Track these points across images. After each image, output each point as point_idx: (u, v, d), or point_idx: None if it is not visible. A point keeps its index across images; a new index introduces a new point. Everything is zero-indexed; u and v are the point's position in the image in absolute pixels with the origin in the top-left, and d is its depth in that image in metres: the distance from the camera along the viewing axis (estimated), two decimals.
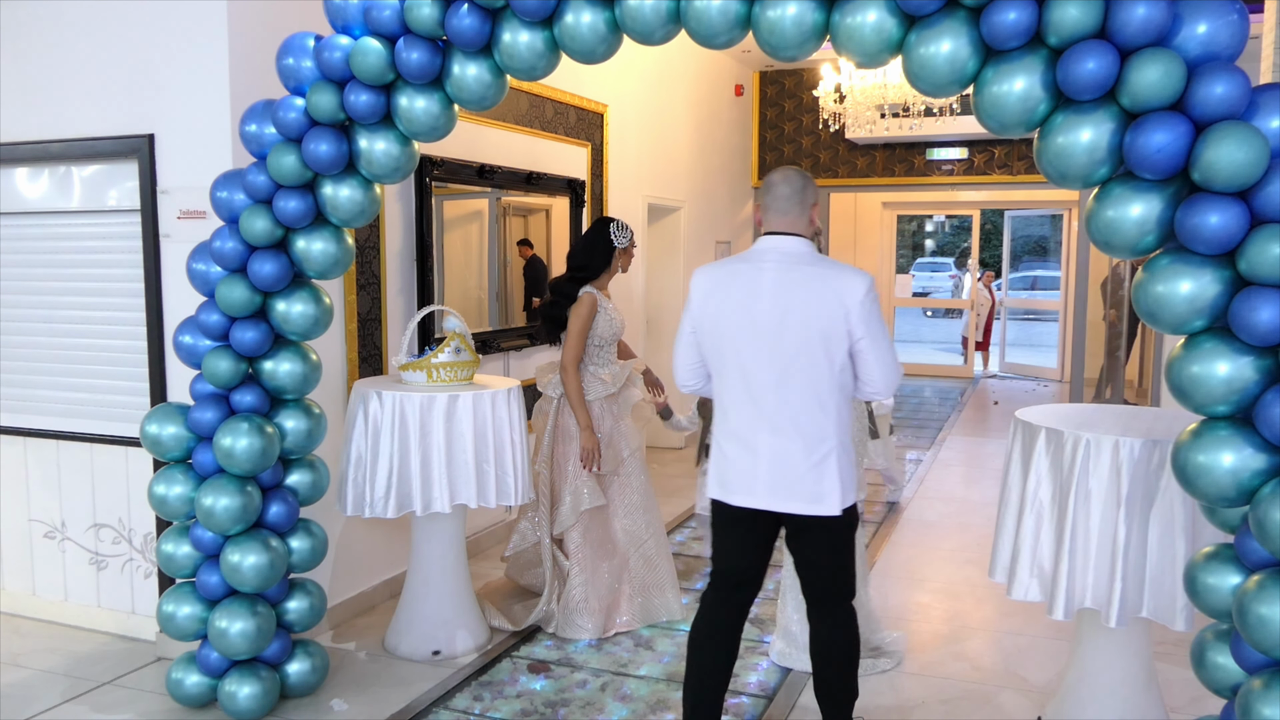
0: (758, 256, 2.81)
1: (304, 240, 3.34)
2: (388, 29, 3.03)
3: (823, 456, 2.74)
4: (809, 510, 2.77)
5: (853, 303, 2.68)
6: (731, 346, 2.80)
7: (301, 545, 3.53)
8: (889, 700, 3.61)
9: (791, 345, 2.71)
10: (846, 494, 2.79)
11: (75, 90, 3.99)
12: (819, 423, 2.74)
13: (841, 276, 2.73)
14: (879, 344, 2.73)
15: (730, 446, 2.85)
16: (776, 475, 2.77)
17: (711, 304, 2.83)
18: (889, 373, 2.78)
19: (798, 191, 2.83)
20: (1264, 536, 2.24)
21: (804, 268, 2.75)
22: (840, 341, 2.70)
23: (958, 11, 2.51)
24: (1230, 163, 2.22)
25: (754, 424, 2.78)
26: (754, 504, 2.81)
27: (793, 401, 2.73)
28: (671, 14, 2.79)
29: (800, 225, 2.84)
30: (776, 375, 2.73)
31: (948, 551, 5.38)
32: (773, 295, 2.73)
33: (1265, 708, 2.21)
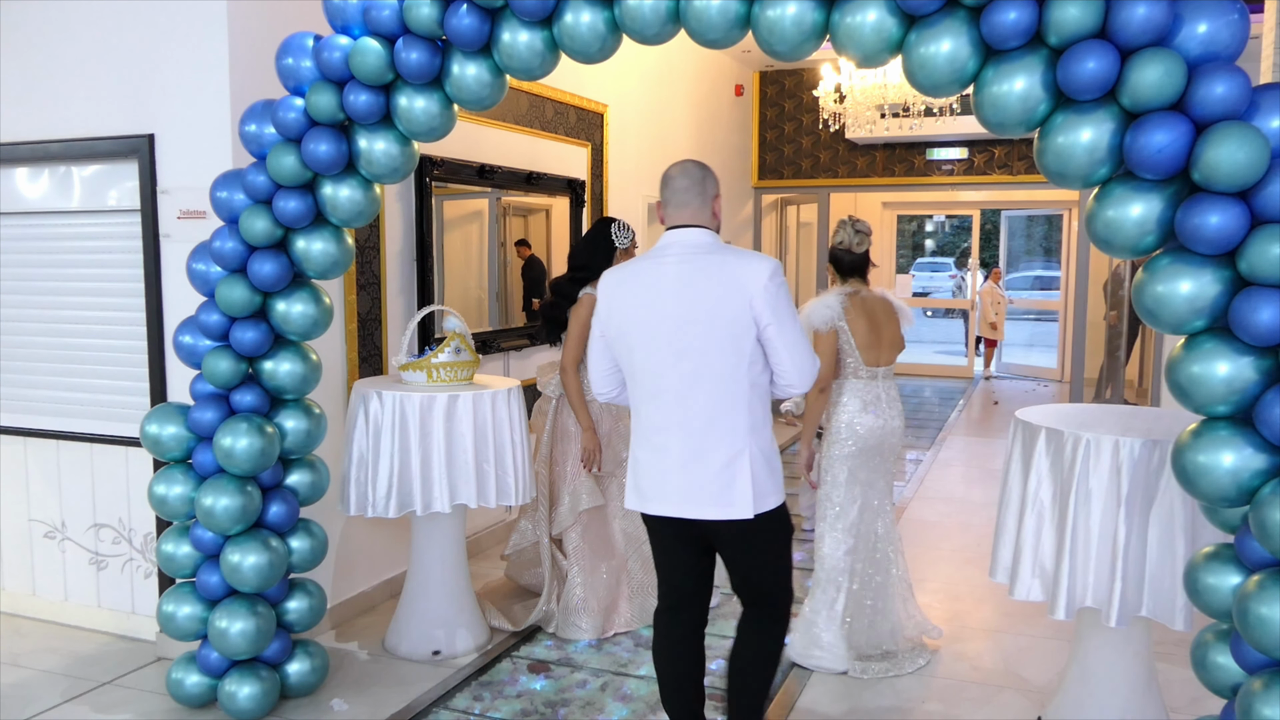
0: (659, 252, 2.71)
1: (304, 240, 3.34)
2: (387, 29, 3.03)
3: (734, 456, 2.62)
4: (720, 515, 2.64)
5: (756, 288, 2.56)
6: (639, 348, 2.68)
7: (301, 545, 3.53)
8: (889, 700, 3.61)
9: (697, 340, 2.60)
10: (762, 496, 2.66)
11: (75, 90, 3.99)
12: (730, 421, 2.62)
13: (744, 262, 2.62)
14: (787, 331, 2.60)
15: (643, 453, 2.74)
16: (688, 480, 2.65)
17: (617, 306, 2.72)
18: (801, 362, 2.64)
19: (697, 183, 2.72)
20: (1264, 536, 2.24)
21: (706, 258, 2.64)
22: (747, 330, 2.58)
23: (958, 11, 2.51)
24: (1230, 163, 2.22)
25: (665, 427, 2.67)
26: (668, 511, 2.70)
27: (702, 400, 2.62)
28: (671, 14, 2.79)
29: (702, 217, 2.73)
30: (684, 374, 2.63)
31: (948, 551, 5.38)
32: (676, 290, 2.63)
33: (1265, 708, 2.21)
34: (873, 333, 3.83)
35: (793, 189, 9.85)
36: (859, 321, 3.80)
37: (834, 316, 3.77)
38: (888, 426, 3.84)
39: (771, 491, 2.69)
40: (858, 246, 3.87)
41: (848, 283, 3.90)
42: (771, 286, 2.58)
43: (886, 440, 3.85)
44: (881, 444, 3.84)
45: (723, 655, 3.97)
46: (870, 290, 3.92)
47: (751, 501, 2.62)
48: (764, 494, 2.66)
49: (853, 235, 3.87)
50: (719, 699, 3.59)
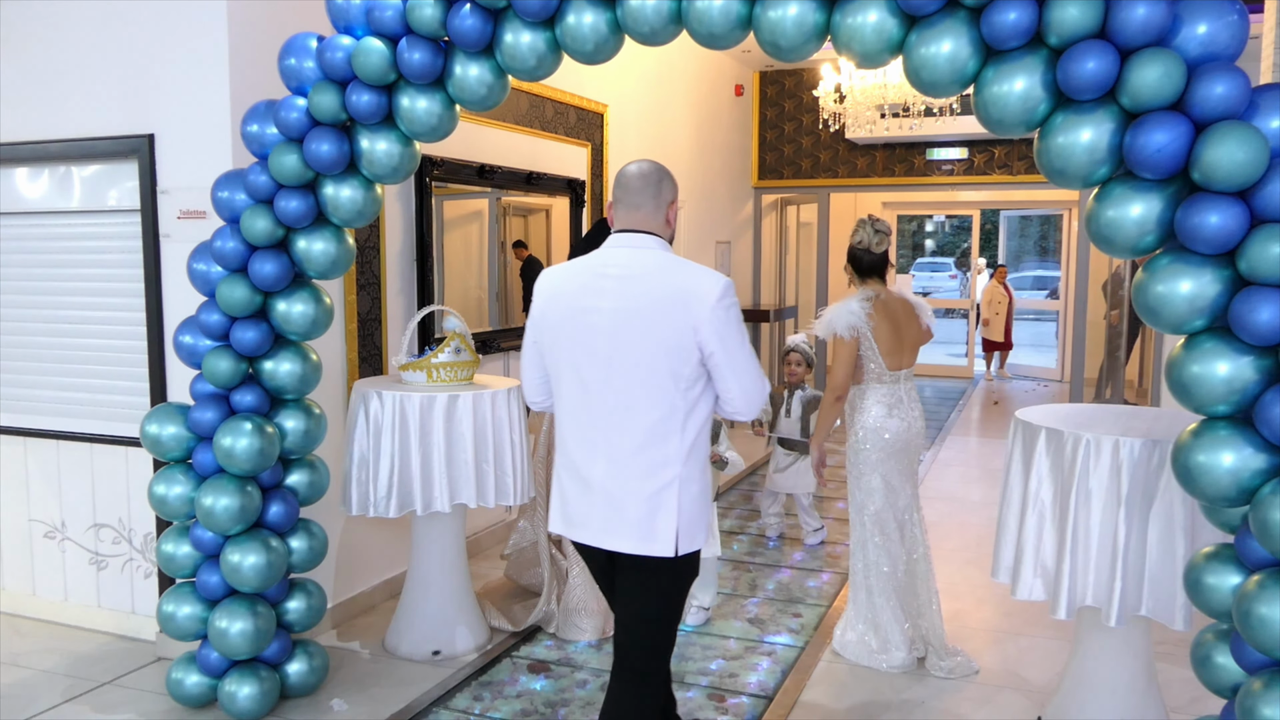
0: (601, 260, 2.46)
1: (305, 240, 3.34)
2: (390, 29, 3.03)
3: (661, 487, 2.39)
4: (641, 549, 2.40)
5: (702, 311, 2.32)
6: (569, 362, 2.46)
7: (301, 545, 3.53)
8: (889, 699, 3.61)
9: (630, 360, 2.36)
10: (686, 535, 2.41)
11: (75, 90, 4.00)
12: (661, 449, 2.39)
13: (692, 280, 2.36)
14: (735, 357, 2.36)
15: (567, 475, 2.52)
16: (611, 508, 2.43)
17: (552, 313, 2.49)
18: (750, 390, 2.40)
19: (652, 184, 2.48)
20: (1264, 536, 2.24)
21: (651, 271, 2.39)
22: (687, 356, 2.34)
23: (958, 11, 2.51)
24: (1230, 162, 2.22)
25: (591, 450, 2.45)
26: (590, 540, 2.50)
27: (631, 425, 2.39)
28: (673, 15, 2.79)
29: (653, 223, 2.48)
30: (614, 395, 2.39)
31: (948, 551, 5.38)
32: (613, 303, 2.38)
33: (1265, 708, 2.22)
34: (895, 337, 3.80)
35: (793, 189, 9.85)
36: (882, 327, 3.76)
37: (858, 323, 3.74)
38: (912, 428, 3.84)
39: (698, 531, 2.47)
40: (877, 246, 3.82)
41: (867, 284, 3.86)
42: (720, 310, 2.33)
43: (911, 442, 3.85)
44: (907, 446, 3.83)
45: (723, 655, 3.97)
46: (890, 292, 3.88)
47: (674, 538, 2.39)
48: (691, 530, 2.44)
49: (872, 235, 3.82)
50: (719, 699, 3.59)
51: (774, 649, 4.05)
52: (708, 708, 3.53)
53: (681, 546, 2.41)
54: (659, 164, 2.55)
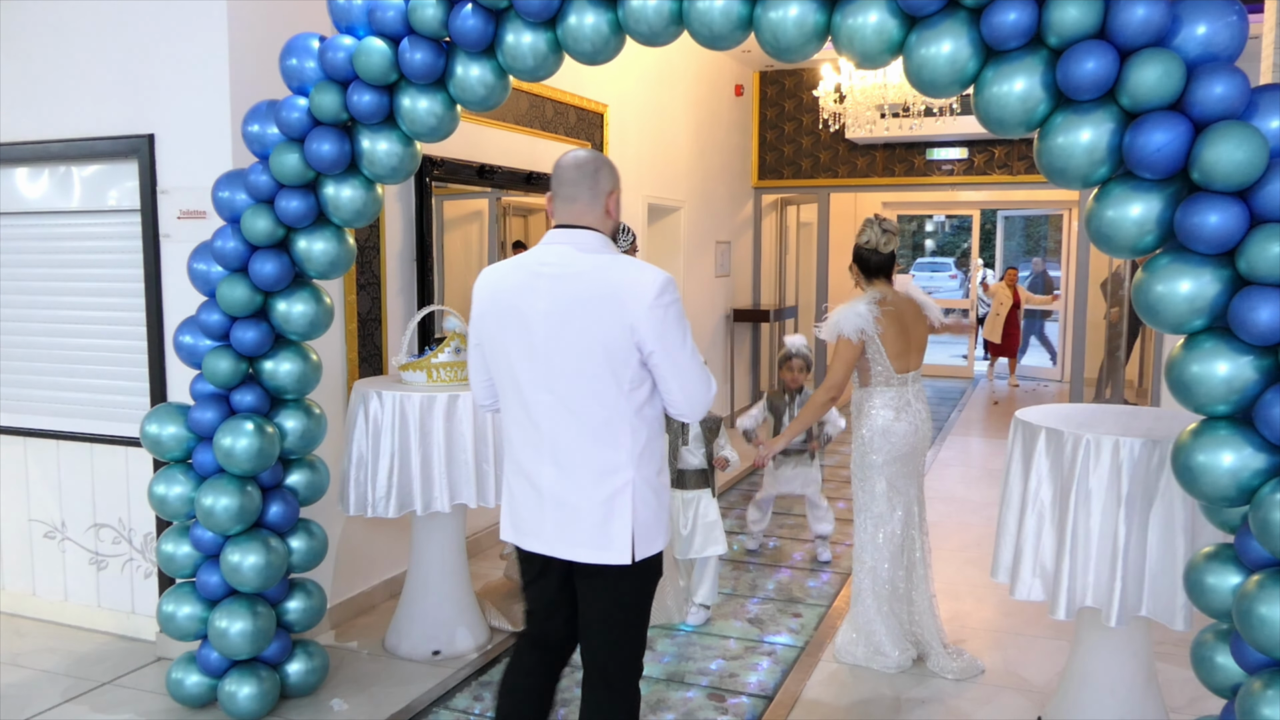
0: (538, 256, 2.37)
1: (305, 240, 3.35)
2: (392, 29, 3.03)
3: (613, 493, 2.30)
4: (595, 558, 2.33)
5: (639, 309, 2.22)
6: (508, 363, 2.38)
7: (301, 545, 3.53)
8: (889, 699, 3.61)
9: (569, 362, 2.28)
10: (643, 540, 2.34)
11: (75, 90, 4.00)
12: (609, 453, 2.30)
13: (628, 276, 2.26)
14: (676, 358, 2.27)
15: (516, 482, 2.44)
16: (562, 516, 2.35)
17: (491, 312, 2.41)
18: (693, 392, 2.32)
19: (588, 175, 2.37)
20: (1264, 536, 2.24)
21: (588, 266, 2.29)
22: (627, 356, 2.25)
23: (958, 12, 2.51)
24: (1229, 162, 2.22)
25: (537, 455, 2.36)
26: (543, 549, 2.41)
27: (575, 428, 2.31)
28: (674, 15, 2.79)
29: (591, 216, 2.38)
30: (555, 397, 2.31)
31: (948, 552, 5.38)
32: (550, 301, 2.29)
33: (1265, 708, 2.22)
34: (903, 340, 3.78)
35: (793, 189, 9.85)
36: (890, 331, 3.74)
37: (865, 326, 3.71)
38: (919, 431, 3.83)
39: (657, 535, 2.39)
40: (885, 246, 3.80)
41: (874, 285, 3.83)
42: (658, 307, 2.23)
43: (918, 445, 3.84)
44: (913, 449, 3.83)
45: (723, 655, 3.98)
46: (897, 292, 3.85)
47: (630, 544, 2.31)
48: (648, 535, 2.36)
49: (880, 235, 3.80)
50: (719, 699, 3.60)
51: (774, 649, 4.06)
52: (708, 708, 3.53)
53: (638, 552, 2.33)
54: (597, 153, 2.45)
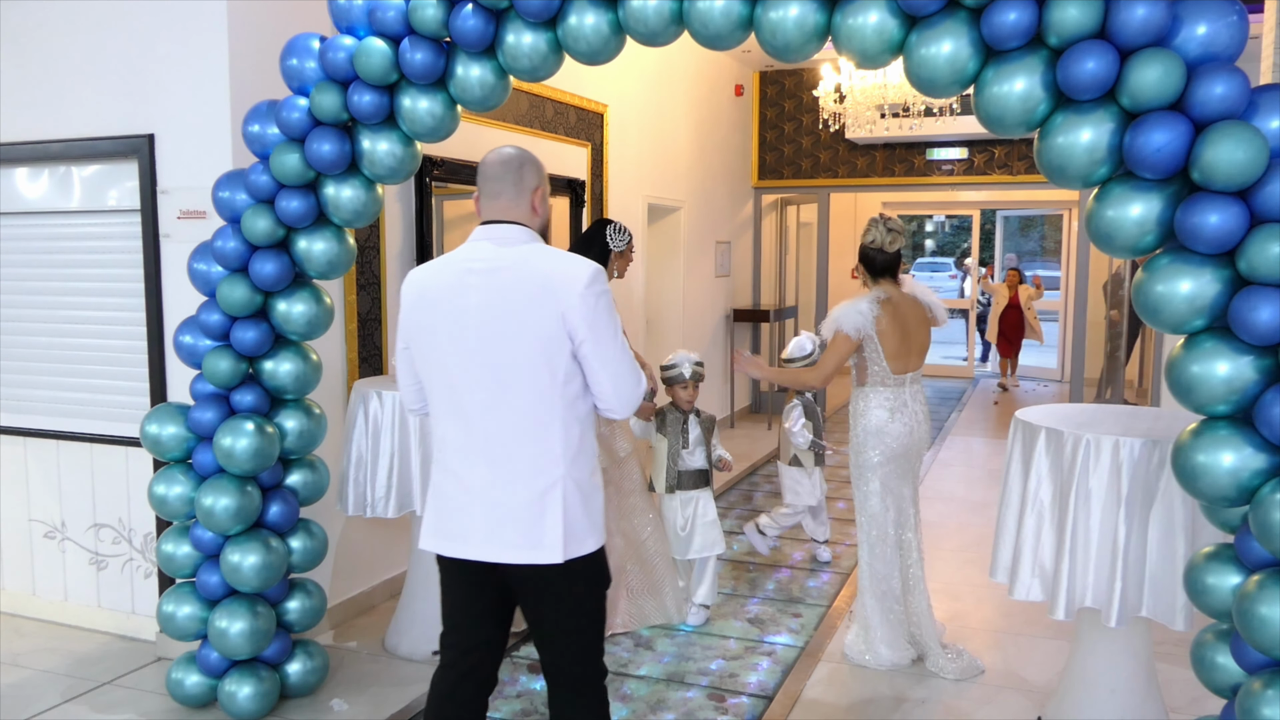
0: (466, 252, 2.36)
1: (305, 240, 3.35)
2: (392, 29, 3.03)
3: (545, 489, 2.27)
4: (526, 558, 2.27)
5: (570, 297, 2.22)
6: (438, 362, 2.34)
7: (301, 545, 3.53)
8: (889, 699, 3.61)
9: (503, 356, 2.26)
10: (575, 539, 2.29)
11: (75, 90, 4.00)
12: (541, 449, 2.27)
13: (559, 267, 2.27)
14: (606, 348, 2.26)
15: (445, 483, 2.38)
16: (493, 517, 2.30)
17: (418, 314, 2.37)
18: (622, 384, 2.30)
19: (512, 171, 2.37)
20: (1264, 536, 2.24)
21: (516, 259, 2.29)
22: (560, 346, 2.24)
23: (958, 12, 2.51)
24: (1230, 162, 2.22)
25: (468, 455, 2.32)
26: (468, 554, 2.33)
27: (509, 424, 2.28)
28: (674, 16, 2.79)
29: (517, 211, 2.37)
30: (488, 393, 2.28)
31: (948, 552, 5.38)
32: (480, 297, 2.27)
33: (1265, 708, 2.22)
34: (903, 341, 3.78)
35: (793, 189, 9.85)
36: (890, 331, 3.75)
37: (864, 325, 3.72)
38: (915, 432, 3.83)
39: (588, 533, 2.33)
40: (890, 245, 3.79)
41: (879, 284, 3.82)
42: (589, 296, 2.23)
43: (913, 446, 3.85)
44: (908, 450, 3.84)
45: (723, 655, 3.98)
46: (902, 293, 3.85)
47: (561, 543, 2.27)
48: (578, 535, 2.30)
49: (885, 234, 3.79)
50: (719, 699, 3.60)
51: (774, 649, 4.06)
52: (708, 708, 3.53)
53: (568, 551, 2.28)
54: (524, 150, 2.44)
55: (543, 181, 2.43)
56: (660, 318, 7.85)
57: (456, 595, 2.46)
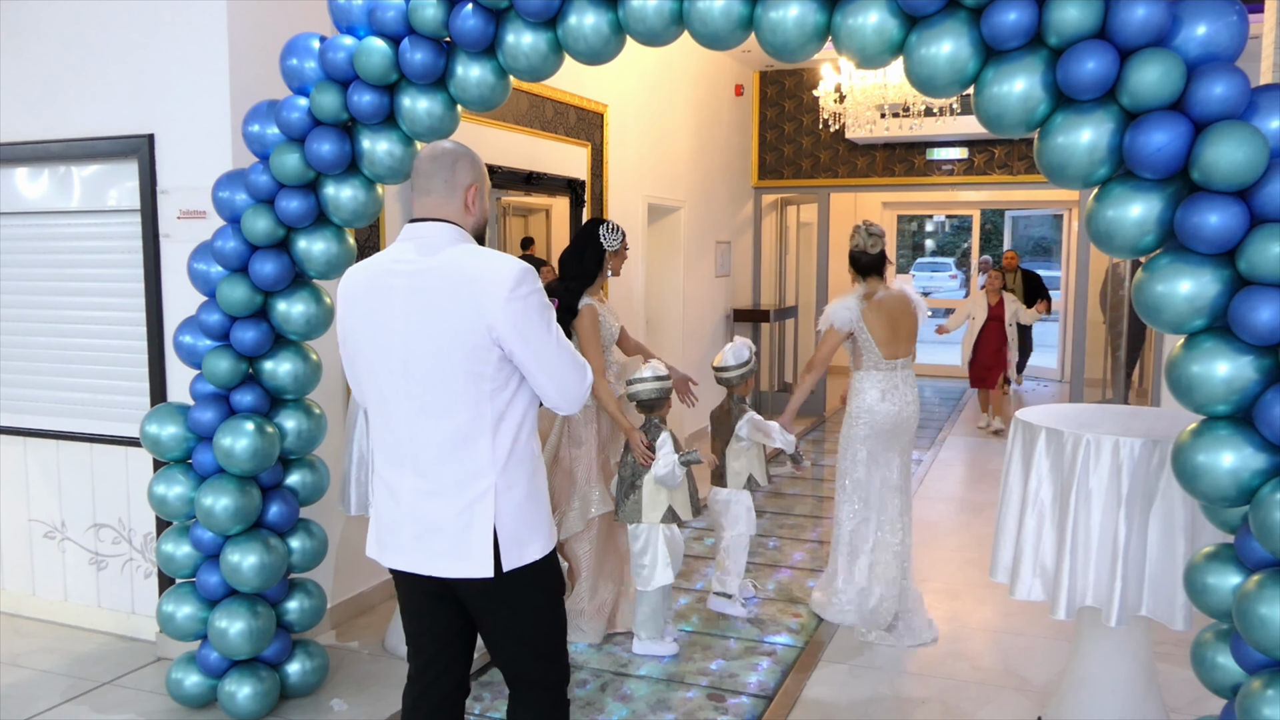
0: (391, 254, 2.26)
1: (305, 240, 3.35)
2: (392, 30, 3.03)
3: (473, 500, 2.17)
4: (455, 571, 2.19)
5: (493, 304, 2.09)
6: (367, 369, 2.27)
7: (301, 545, 3.53)
8: (889, 699, 3.61)
9: (426, 366, 2.16)
10: (515, 547, 2.19)
11: (75, 90, 4.00)
12: (468, 460, 2.17)
13: (482, 270, 2.14)
14: (539, 349, 2.15)
15: (380, 491, 2.31)
16: (421, 529, 2.22)
17: (348, 315, 2.29)
18: (565, 383, 2.20)
19: (444, 167, 2.25)
20: (1264, 536, 2.24)
21: (439, 261, 2.17)
22: (485, 352, 2.13)
23: (958, 12, 2.51)
24: (1230, 162, 2.22)
25: (398, 465, 2.24)
26: (403, 565, 2.27)
27: (434, 435, 2.18)
28: (674, 15, 2.79)
29: (449, 209, 2.25)
30: (413, 403, 2.19)
31: (948, 551, 5.38)
32: (404, 300, 2.17)
33: (1265, 708, 2.22)
34: (890, 330, 4.21)
35: (793, 189, 9.85)
36: (877, 321, 4.19)
37: (853, 319, 4.18)
38: (904, 412, 4.23)
39: (530, 539, 2.23)
40: (872, 248, 4.24)
41: (866, 282, 4.27)
42: (514, 300, 2.10)
43: (902, 425, 4.23)
44: (897, 427, 4.22)
45: (723, 655, 3.97)
46: (888, 288, 4.28)
47: (492, 555, 2.17)
48: (518, 543, 2.21)
49: (866, 238, 4.24)
50: (719, 699, 3.60)
51: (774, 649, 4.06)
52: (708, 708, 3.53)
53: (507, 562, 2.19)
54: (459, 144, 2.33)
55: (479, 179, 2.30)
56: (660, 318, 7.85)
57: (410, 606, 2.38)
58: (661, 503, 3.91)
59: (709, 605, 4.46)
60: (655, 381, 3.95)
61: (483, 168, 2.34)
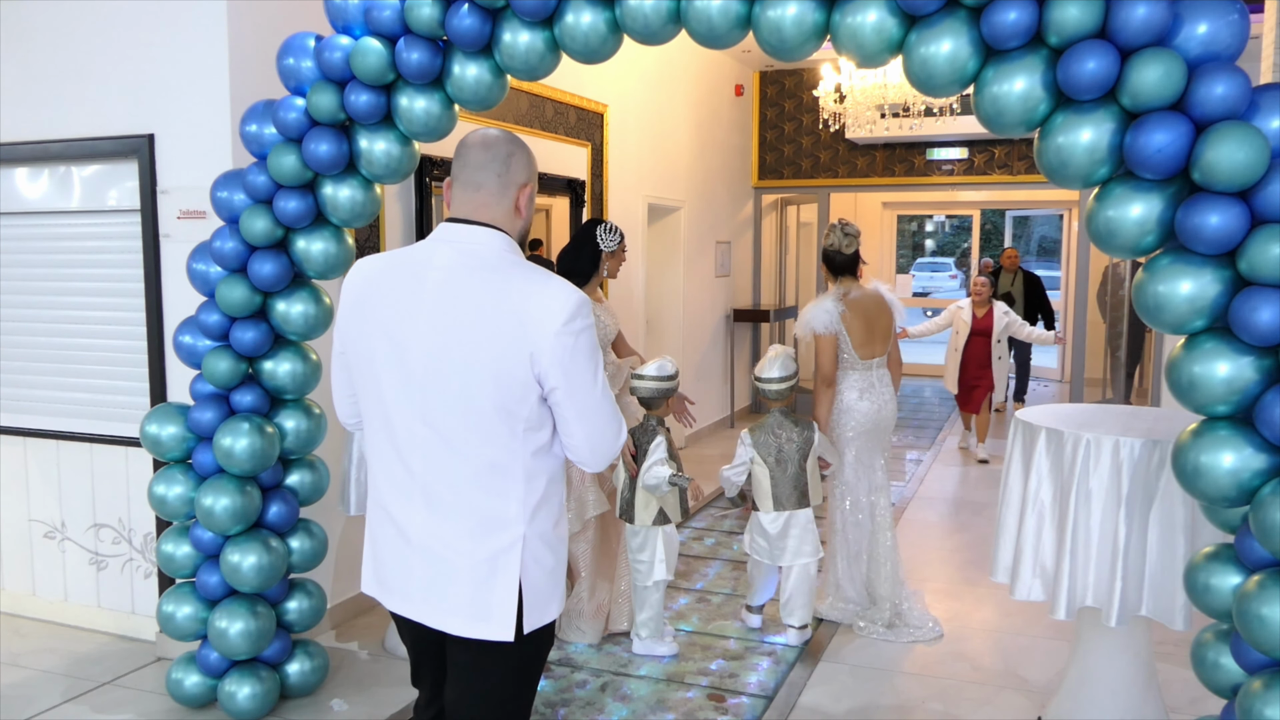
0: (426, 252, 1.96)
1: (304, 240, 3.35)
2: (388, 29, 3.03)
3: (499, 550, 1.89)
4: (471, 631, 1.92)
5: (543, 335, 1.82)
6: (374, 383, 1.95)
7: (301, 545, 3.53)
8: (889, 700, 3.61)
9: (454, 391, 1.86)
10: (536, 608, 1.93)
11: (75, 90, 4.00)
12: (496, 503, 1.89)
13: (535, 295, 1.85)
14: (584, 398, 1.88)
15: (380, 525, 2.02)
16: (433, 574, 1.93)
17: (357, 318, 1.98)
18: (599, 440, 1.93)
19: (498, 158, 1.95)
20: (1264, 536, 2.24)
21: (484, 276, 1.88)
22: (524, 391, 1.85)
23: (958, 11, 2.51)
24: (1230, 163, 2.22)
25: (405, 497, 1.94)
26: (410, 613, 1.99)
27: (457, 471, 1.89)
28: (672, 14, 2.79)
29: (498, 212, 1.96)
30: (432, 434, 1.89)
31: (948, 552, 5.38)
32: (433, 313, 1.87)
33: (1265, 708, 2.21)
34: (867, 330, 4.25)
35: (793, 189, 9.85)
36: (855, 322, 4.21)
37: (833, 321, 4.17)
38: (883, 411, 4.28)
39: (550, 598, 1.98)
40: (847, 248, 4.27)
41: (840, 281, 4.30)
42: (566, 336, 1.83)
43: (882, 423, 4.29)
44: (877, 426, 4.28)
45: (723, 655, 3.97)
46: (862, 287, 4.31)
47: (514, 615, 1.91)
48: (541, 602, 1.96)
49: (842, 238, 4.27)
50: (719, 699, 3.59)
51: (774, 649, 4.05)
52: (708, 708, 3.53)
53: (528, 623, 1.93)
54: (513, 135, 2.01)
55: (533, 178, 2.02)
56: (660, 318, 7.85)
57: (409, 639, 2.14)
58: (653, 505, 3.91)
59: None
60: (655, 381, 3.91)
61: (536, 166, 2.04)
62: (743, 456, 4.06)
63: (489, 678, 1.99)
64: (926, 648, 4.06)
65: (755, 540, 4.13)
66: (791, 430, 4.03)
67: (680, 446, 4.33)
